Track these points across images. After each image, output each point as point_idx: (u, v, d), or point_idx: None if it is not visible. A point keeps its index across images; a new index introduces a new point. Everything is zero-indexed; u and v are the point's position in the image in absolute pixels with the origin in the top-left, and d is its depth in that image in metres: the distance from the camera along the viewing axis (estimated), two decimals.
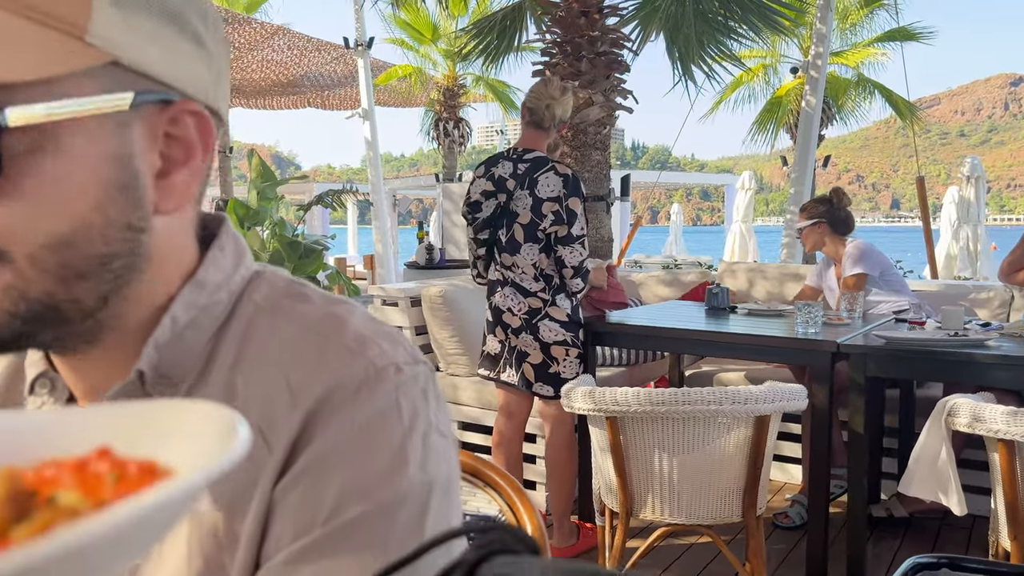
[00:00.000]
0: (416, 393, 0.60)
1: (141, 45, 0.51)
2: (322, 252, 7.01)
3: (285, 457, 0.56)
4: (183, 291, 0.58)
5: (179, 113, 0.54)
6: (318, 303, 0.63)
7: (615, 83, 6.79)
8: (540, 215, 3.01)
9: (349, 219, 19.74)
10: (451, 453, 0.62)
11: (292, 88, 10.82)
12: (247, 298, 0.62)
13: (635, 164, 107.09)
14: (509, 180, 3.06)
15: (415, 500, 0.56)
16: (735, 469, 2.48)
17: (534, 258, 3.06)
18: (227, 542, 0.56)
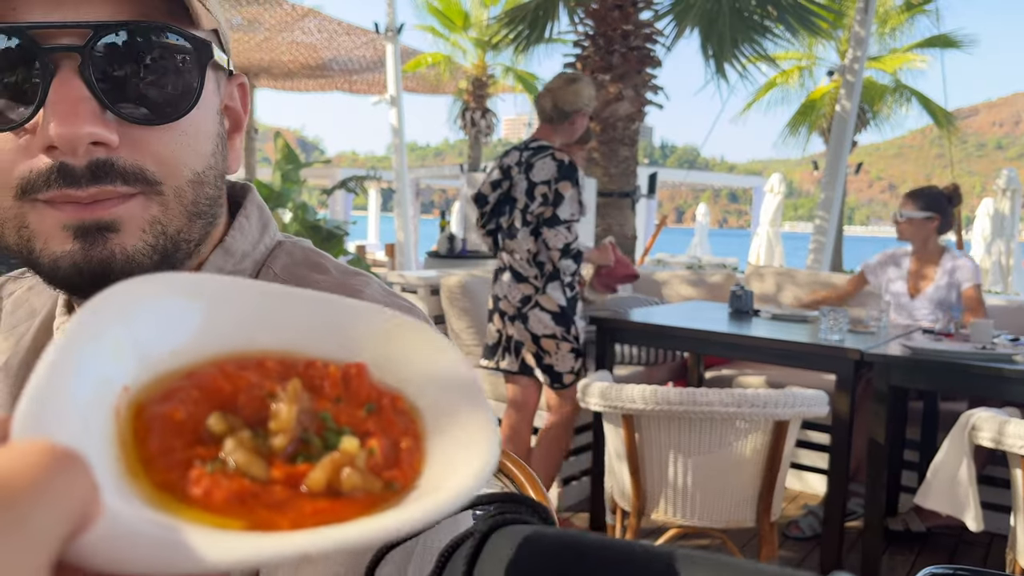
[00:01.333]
0: None
1: (222, 19, 0.57)
2: (343, 237, 7.03)
3: None
4: (212, 257, 0.61)
5: (234, 86, 0.61)
6: (334, 274, 0.65)
7: (646, 78, 6.72)
8: (531, 197, 3.07)
9: (371, 206, 19.81)
10: None
11: (320, 71, 10.84)
12: (267, 267, 0.64)
13: (663, 162, 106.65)
14: (513, 168, 3.14)
15: None
16: (751, 473, 2.44)
17: (528, 243, 3.10)
18: None
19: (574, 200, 3.07)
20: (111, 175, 0.50)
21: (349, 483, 0.28)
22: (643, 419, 2.47)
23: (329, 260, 0.66)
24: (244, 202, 0.65)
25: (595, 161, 6.71)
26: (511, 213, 3.16)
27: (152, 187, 0.52)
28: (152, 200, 0.52)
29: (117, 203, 0.51)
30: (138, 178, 0.51)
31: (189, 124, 0.53)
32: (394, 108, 8.88)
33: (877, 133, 14.50)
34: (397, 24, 8.82)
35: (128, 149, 0.50)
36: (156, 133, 0.51)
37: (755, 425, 2.40)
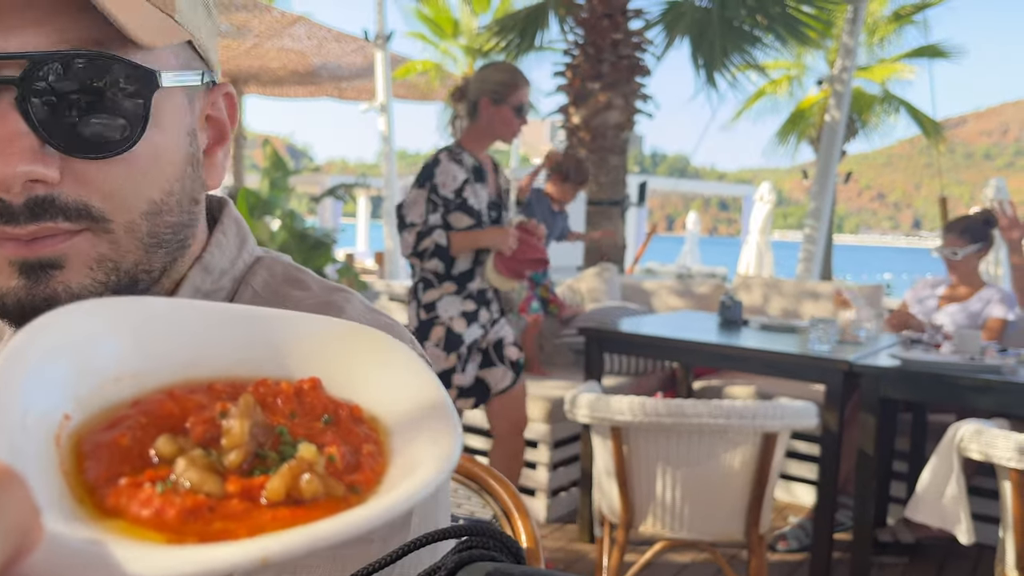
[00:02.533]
0: None
1: (202, 29, 0.54)
2: (331, 245, 7.00)
3: None
4: (190, 275, 0.59)
5: (218, 96, 0.58)
6: (316, 290, 0.63)
7: (636, 87, 6.73)
8: None
9: (360, 214, 19.77)
10: None
11: (309, 78, 10.82)
12: (246, 284, 0.62)
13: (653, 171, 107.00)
14: None
15: None
16: (739, 486, 2.42)
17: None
18: None
19: (421, 203, 2.76)
20: (51, 212, 0.47)
21: (310, 490, 0.27)
22: (631, 431, 2.45)
23: (310, 276, 0.65)
24: (221, 216, 0.63)
25: None
26: None
27: (99, 223, 0.49)
28: (100, 237, 0.50)
29: (62, 240, 0.48)
30: (82, 214, 0.48)
31: (142, 154, 0.50)
32: (383, 115, 8.87)
33: (866, 142, 14.57)
34: (387, 31, 8.82)
35: (72, 184, 0.48)
36: (102, 167, 0.48)
37: (744, 437, 2.38)
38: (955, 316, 3.53)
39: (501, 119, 2.77)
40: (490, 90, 2.74)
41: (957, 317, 3.52)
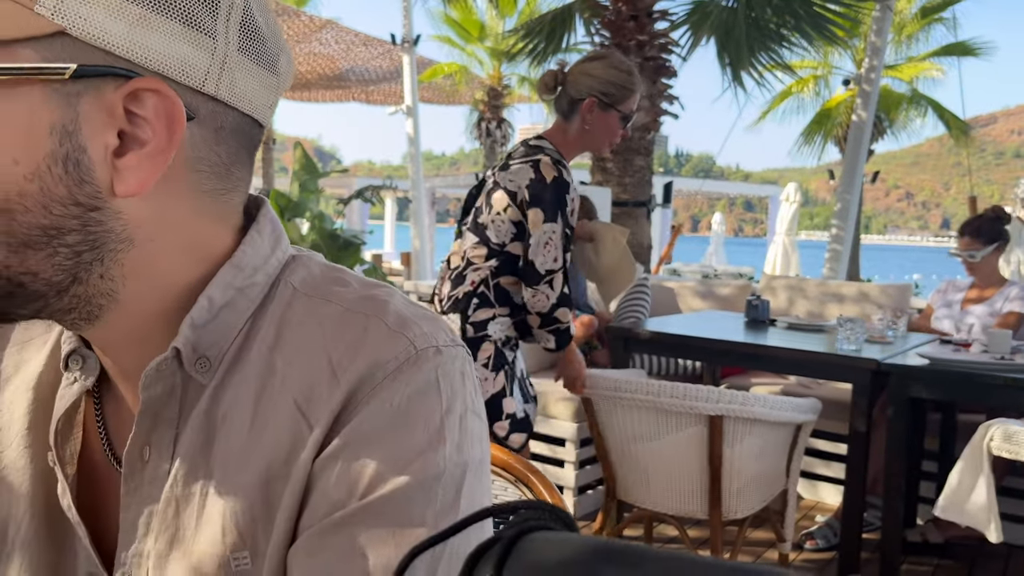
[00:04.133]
0: (455, 374, 0.61)
1: (99, 19, 0.49)
2: (359, 246, 7.07)
3: (326, 432, 0.56)
4: (220, 272, 0.59)
5: (138, 90, 0.51)
6: (356, 286, 0.63)
7: (662, 88, 6.73)
8: (489, 204, 2.39)
9: (387, 215, 19.90)
10: (484, 435, 0.63)
11: (337, 82, 10.93)
12: (284, 281, 0.62)
13: (678, 171, 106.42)
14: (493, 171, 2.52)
15: (450, 479, 0.57)
16: (694, 466, 2.54)
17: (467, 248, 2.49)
18: (262, 516, 0.57)
19: (549, 244, 2.24)
20: None
21: None
22: (600, 404, 2.67)
23: (349, 273, 0.65)
24: (257, 216, 0.63)
25: (610, 171, 6.72)
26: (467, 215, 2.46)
27: None
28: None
29: None
30: None
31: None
32: (410, 118, 8.94)
33: (894, 142, 14.42)
34: (413, 35, 8.89)
35: None
36: None
37: (689, 418, 2.50)
38: (981, 316, 3.52)
39: (605, 127, 2.35)
40: (600, 90, 2.31)
41: (983, 317, 3.50)
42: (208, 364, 0.58)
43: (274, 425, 0.57)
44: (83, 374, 0.61)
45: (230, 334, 0.59)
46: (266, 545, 0.57)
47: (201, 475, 0.58)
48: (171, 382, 0.58)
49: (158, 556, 0.58)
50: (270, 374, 0.59)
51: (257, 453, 0.57)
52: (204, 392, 0.58)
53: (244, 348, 0.60)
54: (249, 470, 0.57)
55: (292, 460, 0.57)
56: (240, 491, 0.57)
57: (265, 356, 0.59)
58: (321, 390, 0.57)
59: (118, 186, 0.52)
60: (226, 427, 0.58)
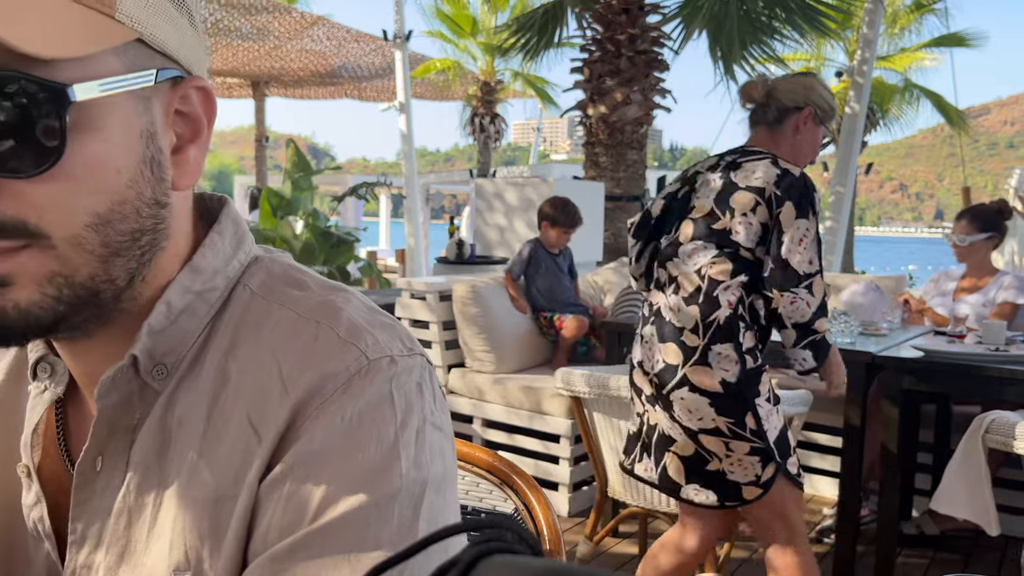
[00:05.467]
0: (411, 386, 0.58)
1: (157, 22, 0.51)
2: (354, 244, 7.05)
3: (273, 450, 0.54)
4: (179, 277, 0.58)
5: (188, 90, 0.55)
6: (315, 290, 0.61)
7: (654, 82, 6.72)
8: (725, 206, 2.09)
9: (382, 212, 19.87)
10: (447, 448, 0.59)
11: (330, 78, 10.91)
12: (243, 284, 0.61)
13: (673, 166, 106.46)
14: (703, 173, 2.23)
15: (408, 496, 0.54)
16: None
17: (698, 264, 2.08)
18: (209, 536, 0.54)
19: (804, 241, 2.00)
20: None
21: None
22: (589, 402, 2.68)
23: (310, 276, 0.64)
24: (220, 216, 0.62)
25: (603, 166, 6.71)
26: (677, 228, 2.17)
27: (40, 240, 0.48)
28: (46, 252, 0.49)
29: (4, 259, 0.48)
30: (20, 231, 0.48)
31: (78, 165, 0.48)
32: (403, 114, 8.91)
33: (887, 133, 14.42)
34: (405, 31, 8.85)
35: (7, 202, 0.47)
36: (34, 184, 0.47)
37: None
38: (974, 305, 3.51)
39: (813, 140, 2.25)
40: (816, 102, 2.21)
41: (976, 306, 3.50)
42: (165, 371, 0.57)
43: (226, 438, 0.55)
44: (52, 382, 0.60)
45: (188, 340, 0.58)
46: (213, 568, 0.54)
47: (155, 485, 0.56)
48: (127, 391, 0.57)
49: (108, 569, 0.56)
50: (224, 382, 0.57)
51: (208, 467, 0.55)
52: (159, 399, 0.57)
53: (200, 355, 0.58)
54: (199, 484, 0.55)
55: (241, 478, 0.54)
56: (190, 506, 0.55)
57: (220, 363, 0.57)
58: (271, 404, 0.55)
59: (181, 180, 0.55)
60: (181, 434, 0.56)
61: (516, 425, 3.71)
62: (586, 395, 2.64)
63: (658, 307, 2.11)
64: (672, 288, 2.10)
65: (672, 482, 2.08)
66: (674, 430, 2.05)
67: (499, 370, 3.89)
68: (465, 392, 3.92)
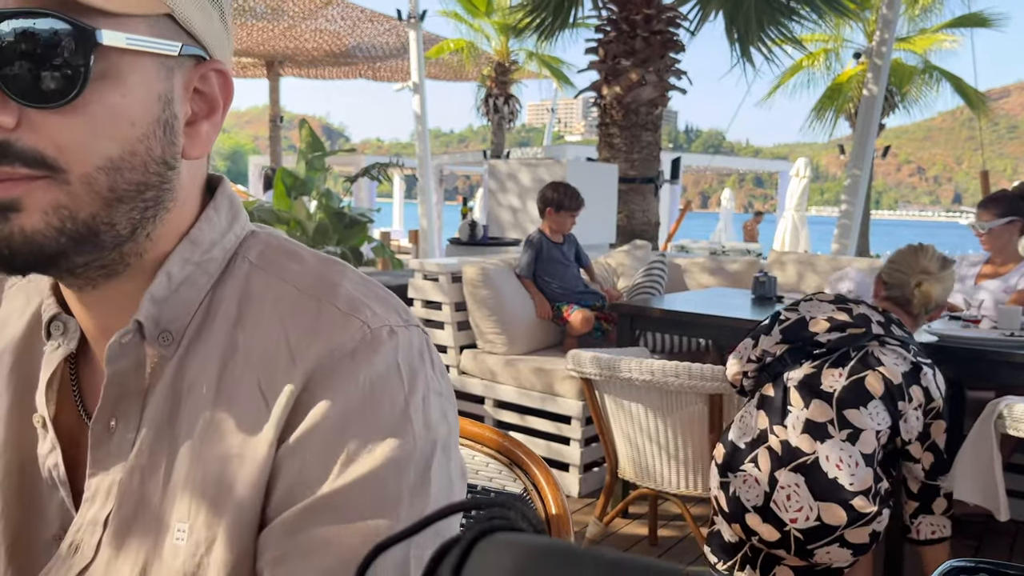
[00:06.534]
0: (413, 354, 0.62)
1: (188, 5, 0.57)
2: (367, 224, 7.06)
3: (285, 416, 0.58)
4: (178, 248, 0.62)
5: (208, 71, 0.60)
6: (311, 263, 0.66)
7: (669, 63, 6.66)
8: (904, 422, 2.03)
9: (395, 193, 19.87)
10: (448, 410, 0.64)
11: (344, 58, 10.88)
12: (241, 256, 0.65)
13: (687, 147, 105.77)
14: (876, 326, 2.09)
15: (421, 458, 0.59)
16: (694, 444, 2.54)
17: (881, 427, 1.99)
18: (213, 494, 0.58)
19: None
20: (8, 157, 0.51)
21: None
22: (599, 384, 2.68)
23: (305, 249, 0.68)
24: (215, 193, 0.66)
25: (617, 147, 6.67)
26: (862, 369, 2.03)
27: (56, 173, 0.52)
28: (59, 186, 0.53)
29: (19, 185, 0.52)
30: (38, 162, 0.52)
31: (98, 108, 0.52)
32: (417, 95, 8.89)
33: (905, 116, 14.25)
34: (420, 10, 8.81)
35: (28, 133, 0.51)
36: (56, 118, 0.52)
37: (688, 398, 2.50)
38: (993, 291, 3.48)
39: None
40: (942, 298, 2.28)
41: (995, 292, 3.46)
42: (171, 338, 0.61)
43: (237, 403, 0.59)
44: (64, 339, 0.64)
45: (190, 308, 0.62)
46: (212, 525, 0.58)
47: (167, 445, 0.60)
48: (136, 356, 0.61)
49: (121, 522, 0.60)
50: (232, 350, 0.61)
51: (219, 428, 0.59)
52: (169, 364, 0.61)
53: (206, 322, 0.62)
54: (210, 444, 0.59)
55: (250, 441, 0.58)
56: (199, 464, 0.59)
57: (228, 332, 0.62)
58: (279, 372, 0.59)
59: (191, 150, 0.60)
60: (191, 398, 0.60)
61: (528, 406, 3.72)
62: (596, 377, 2.64)
63: (816, 457, 1.95)
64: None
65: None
66: (791, 562, 2.01)
67: (510, 352, 3.90)
68: (477, 373, 3.93)
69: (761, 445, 2.03)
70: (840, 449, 1.93)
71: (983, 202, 3.59)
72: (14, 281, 0.74)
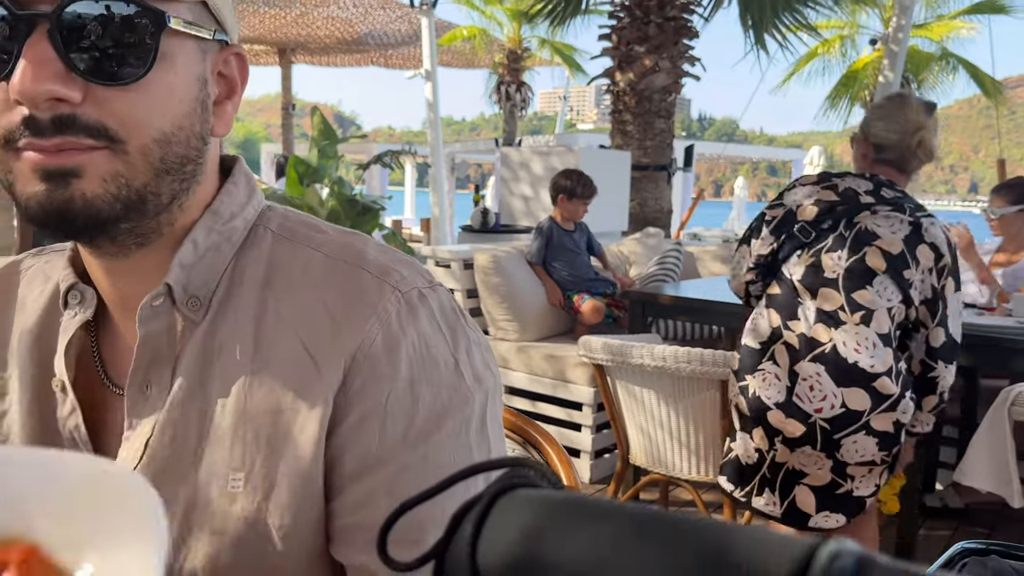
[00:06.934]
0: (448, 312, 0.67)
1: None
2: (379, 212, 7.07)
3: (342, 379, 0.63)
4: (202, 219, 0.66)
5: (229, 55, 0.65)
6: (332, 233, 0.70)
7: (683, 49, 6.62)
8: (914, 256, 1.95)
9: (407, 181, 19.86)
10: (490, 360, 0.69)
11: (356, 46, 10.88)
12: (262, 227, 0.69)
13: (701, 135, 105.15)
14: (864, 196, 2.02)
15: (479, 409, 0.65)
16: (705, 430, 2.54)
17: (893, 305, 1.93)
18: (266, 444, 0.63)
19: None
20: (74, 128, 0.55)
21: None
22: (611, 370, 2.69)
23: (323, 222, 0.72)
24: (233, 170, 0.70)
25: (630, 134, 6.65)
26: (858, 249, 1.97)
27: (116, 144, 0.56)
28: (117, 156, 0.57)
29: (81, 154, 0.56)
30: (101, 133, 0.56)
31: (155, 86, 0.57)
32: (429, 82, 8.87)
33: None
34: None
35: (93, 107, 0.55)
36: (119, 93, 0.56)
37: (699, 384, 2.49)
38: (1006, 279, 3.45)
39: None
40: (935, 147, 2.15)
41: (1007, 279, 3.44)
42: (199, 303, 0.65)
43: (277, 362, 0.63)
44: (81, 307, 0.68)
45: (215, 275, 0.66)
46: (269, 473, 0.62)
47: (199, 403, 0.64)
48: (167, 320, 0.64)
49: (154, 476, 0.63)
50: (263, 312, 0.65)
51: (261, 384, 0.63)
52: (198, 328, 0.65)
53: (232, 287, 0.66)
54: (253, 399, 0.63)
55: (301, 398, 0.62)
56: (242, 417, 0.63)
57: (257, 295, 0.66)
58: (324, 336, 0.63)
59: (217, 128, 0.65)
60: (223, 358, 0.64)
61: (539, 393, 3.73)
62: (607, 363, 2.65)
63: (833, 344, 1.91)
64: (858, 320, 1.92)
65: (801, 514, 2.00)
66: (818, 466, 1.96)
67: (522, 338, 3.91)
68: None
69: (777, 342, 1.99)
70: (855, 333, 1.89)
71: (996, 188, 3.56)
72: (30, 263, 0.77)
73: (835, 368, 1.89)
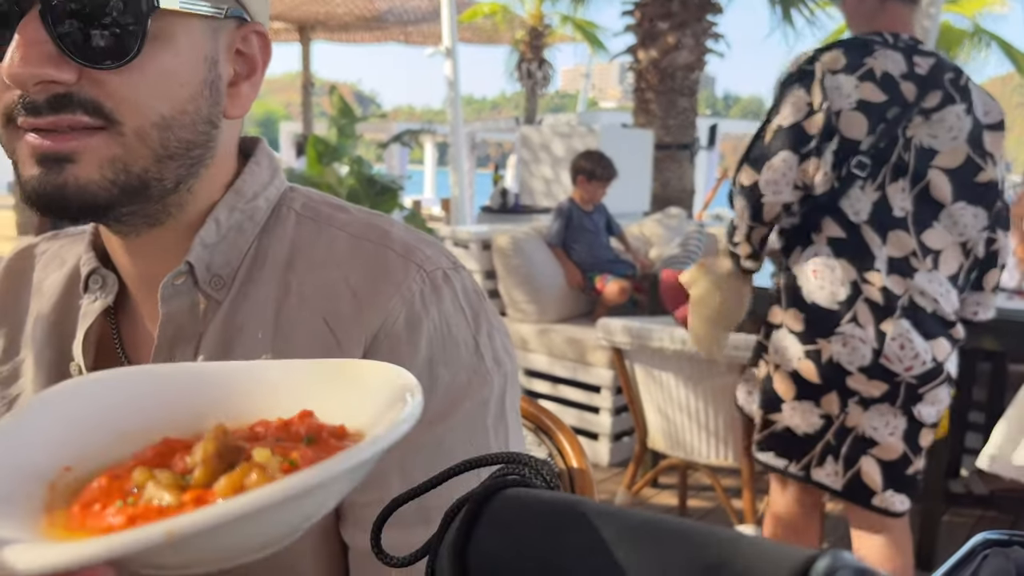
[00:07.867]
0: (470, 294, 0.67)
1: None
2: (398, 191, 7.07)
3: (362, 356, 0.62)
4: (224, 198, 0.66)
5: (249, 32, 0.63)
6: (356, 214, 0.70)
7: (707, 26, 6.52)
8: (983, 156, 1.70)
9: (427, 161, 19.87)
10: (508, 345, 0.69)
11: (376, 23, 10.83)
12: (286, 207, 0.69)
13: (726, 114, 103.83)
14: (904, 85, 1.67)
15: (498, 392, 0.65)
16: (726, 413, 2.53)
17: (964, 241, 1.72)
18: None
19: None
20: (70, 106, 0.55)
21: (254, 485, 0.30)
22: (630, 353, 2.69)
23: (348, 203, 0.72)
24: (255, 151, 0.70)
25: (653, 112, 6.57)
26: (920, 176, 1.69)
27: (113, 125, 0.56)
28: (114, 139, 0.56)
29: (76, 138, 0.55)
30: (98, 111, 0.55)
31: (152, 68, 0.56)
32: (449, 60, 8.81)
33: None
34: None
35: (88, 86, 0.55)
36: (113, 75, 0.55)
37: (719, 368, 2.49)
38: None
39: None
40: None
41: None
42: (221, 282, 0.65)
43: (296, 339, 0.63)
44: (103, 292, 0.68)
45: (238, 254, 0.66)
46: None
47: None
48: (189, 298, 0.64)
49: None
50: (286, 291, 0.65)
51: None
52: (221, 307, 0.65)
53: (255, 267, 0.66)
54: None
55: None
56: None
57: (279, 275, 0.66)
58: (346, 313, 0.63)
59: (232, 109, 0.63)
60: (243, 336, 0.64)
61: (559, 375, 3.72)
62: (626, 346, 2.63)
63: (910, 296, 1.70)
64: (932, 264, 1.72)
65: (865, 489, 1.78)
66: (890, 429, 1.73)
67: (541, 320, 3.89)
68: None
69: (858, 299, 1.70)
70: (928, 281, 1.69)
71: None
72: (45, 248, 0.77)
73: (920, 322, 1.69)
